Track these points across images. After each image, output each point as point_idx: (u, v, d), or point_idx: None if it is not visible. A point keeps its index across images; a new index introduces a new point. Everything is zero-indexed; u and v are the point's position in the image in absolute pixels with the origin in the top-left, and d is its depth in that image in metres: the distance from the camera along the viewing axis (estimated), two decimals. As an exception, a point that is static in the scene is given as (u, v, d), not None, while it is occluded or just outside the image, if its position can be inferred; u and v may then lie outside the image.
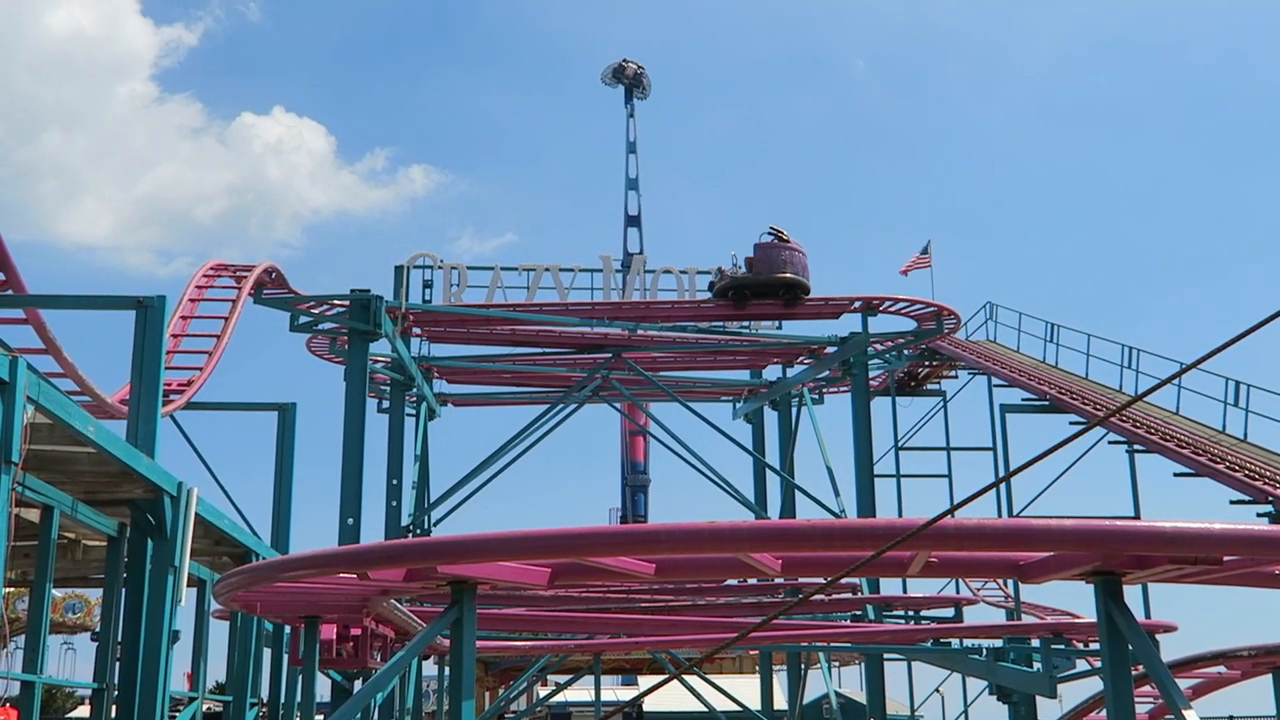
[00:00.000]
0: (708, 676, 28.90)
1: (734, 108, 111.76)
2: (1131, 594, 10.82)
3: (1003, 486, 22.93)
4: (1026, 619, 27.35)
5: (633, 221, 43.04)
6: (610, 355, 27.82)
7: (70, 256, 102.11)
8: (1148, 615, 21.53)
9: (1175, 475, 21.99)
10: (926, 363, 31.72)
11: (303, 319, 24.65)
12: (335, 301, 24.28)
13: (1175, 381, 21.96)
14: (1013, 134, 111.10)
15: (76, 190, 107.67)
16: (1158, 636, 17.81)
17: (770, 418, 31.87)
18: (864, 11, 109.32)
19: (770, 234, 26.23)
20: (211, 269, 23.39)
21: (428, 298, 25.56)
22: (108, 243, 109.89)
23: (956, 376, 31.98)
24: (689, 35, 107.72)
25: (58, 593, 33.20)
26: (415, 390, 27.85)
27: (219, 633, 18.67)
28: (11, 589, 22.93)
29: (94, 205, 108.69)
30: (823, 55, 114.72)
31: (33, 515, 12.02)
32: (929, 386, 32.32)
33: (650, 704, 33.67)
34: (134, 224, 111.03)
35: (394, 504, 26.58)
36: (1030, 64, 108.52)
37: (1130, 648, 8.73)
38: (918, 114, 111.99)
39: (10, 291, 14.07)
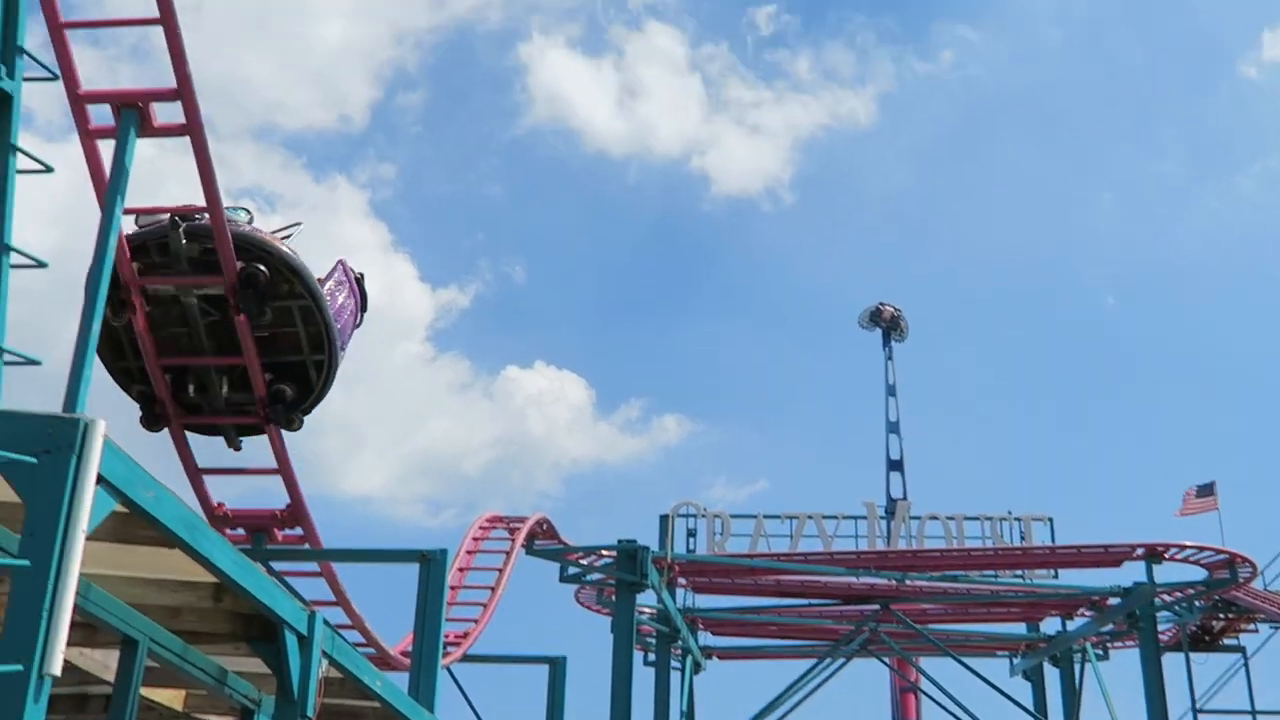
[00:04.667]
0: None
1: (987, 346, 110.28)
2: None
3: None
4: None
5: (895, 466, 42.48)
6: (878, 607, 27.03)
7: (347, 508, 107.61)
8: None
9: None
10: (1221, 615, 29.53)
11: (572, 570, 24.98)
12: (603, 552, 24.57)
13: None
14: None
15: (357, 446, 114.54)
16: None
17: (1051, 674, 30.05)
18: (1103, 238, 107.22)
19: None
20: (487, 521, 24.15)
21: (691, 547, 25.58)
22: (383, 494, 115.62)
23: (1257, 630, 29.66)
24: (935, 278, 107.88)
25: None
26: (680, 643, 27.64)
27: None
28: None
29: (371, 459, 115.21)
30: (1068, 287, 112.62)
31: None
32: (1226, 641, 30.04)
33: None
34: (406, 476, 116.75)
35: (660, 760, 26.13)
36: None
37: None
38: (1180, 344, 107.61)
39: (308, 546, 14.92)
